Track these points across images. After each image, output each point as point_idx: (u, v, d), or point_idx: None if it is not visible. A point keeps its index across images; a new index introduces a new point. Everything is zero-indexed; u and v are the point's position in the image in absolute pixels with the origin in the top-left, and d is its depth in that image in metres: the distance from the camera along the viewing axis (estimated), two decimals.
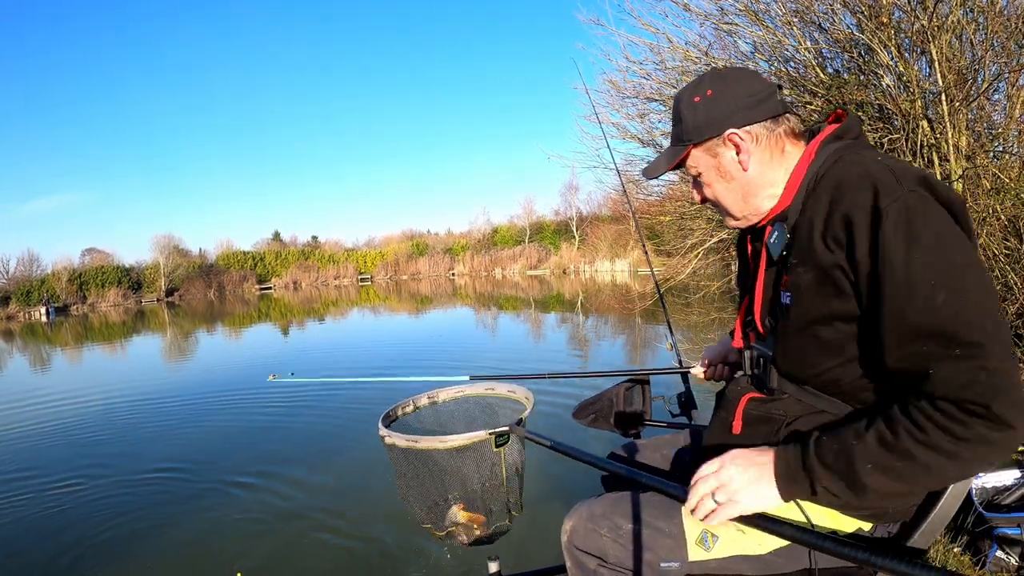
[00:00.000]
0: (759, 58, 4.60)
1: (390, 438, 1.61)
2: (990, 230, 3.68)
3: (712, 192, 1.16)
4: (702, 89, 1.12)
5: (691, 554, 1.12)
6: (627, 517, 1.17)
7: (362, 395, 7.60)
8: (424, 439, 1.58)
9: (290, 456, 5.31)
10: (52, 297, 37.27)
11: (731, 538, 1.11)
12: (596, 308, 17.53)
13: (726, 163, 1.11)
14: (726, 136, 1.09)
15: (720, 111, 1.09)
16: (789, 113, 1.12)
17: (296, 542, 3.67)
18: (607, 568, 1.17)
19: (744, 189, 1.12)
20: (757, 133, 1.09)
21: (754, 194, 1.12)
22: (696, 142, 1.12)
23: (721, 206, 1.17)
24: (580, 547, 1.20)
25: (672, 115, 1.18)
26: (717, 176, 1.13)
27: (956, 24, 3.67)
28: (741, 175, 1.11)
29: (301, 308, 27.02)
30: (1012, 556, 2.17)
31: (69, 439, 6.40)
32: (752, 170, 1.10)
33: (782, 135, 1.10)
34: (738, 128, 1.08)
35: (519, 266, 43.81)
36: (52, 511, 4.39)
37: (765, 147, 1.09)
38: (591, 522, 1.20)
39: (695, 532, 1.13)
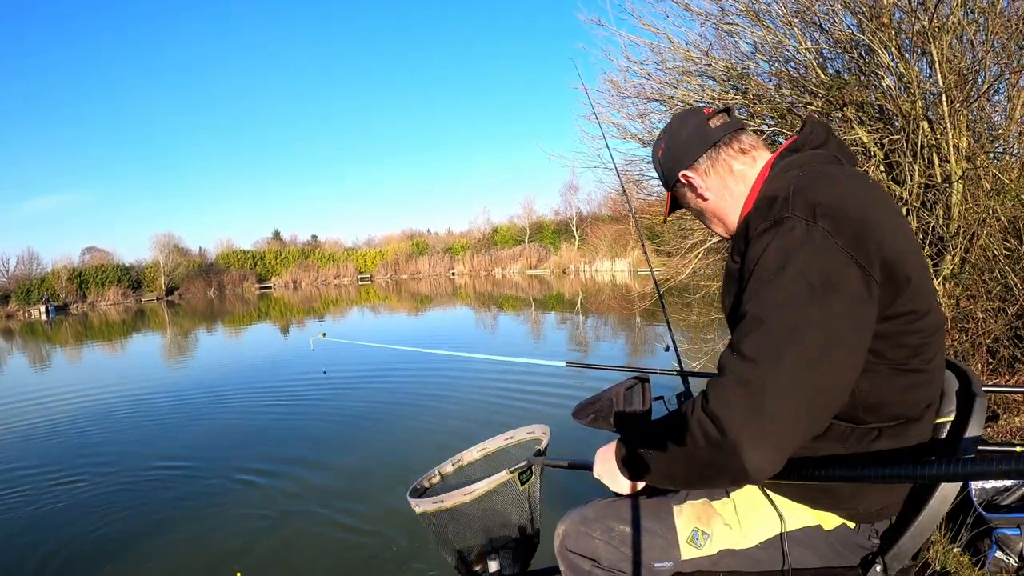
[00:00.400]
0: (760, 58, 4.61)
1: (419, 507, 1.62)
2: (990, 231, 3.69)
3: (702, 220, 1.33)
4: (659, 144, 1.30)
5: (684, 553, 1.15)
6: (619, 520, 1.20)
7: (363, 394, 7.61)
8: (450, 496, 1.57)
9: (290, 454, 5.31)
10: (52, 296, 37.29)
11: (720, 533, 1.15)
12: (596, 308, 17.54)
13: (690, 199, 1.28)
14: (679, 179, 1.25)
15: (671, 160, 1.27)
16: (733, 132, 1.20)
17: (295, 540, 3.67)
18: (601, 570, 1.19)
19: (715, 215, 1.25)
20: (703, 166, 1.21)
21: (724, 216, 1.23)
22: (669, 188, 1.31)
23: (709, 222, 1.31)
24: (573, 550, 1.22)
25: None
26: (695, 209, 1.29)
27: (957, 25, 3.67)
28: (705, 205, 1.25)
29: (301, 307, 27.03)
30: (1011, 556, 2.17)
31: (69, 436, 6.41)
32: (712, 198, 1.23)
33: (726, 159, 1.20)
34: (685, 169, 1.23)
35: (519, 266, 43.81)
36: (53, 506, 4.40)
37: (713, 174, 1.21)
38: (583, 525, 1.22)
39: (687, 531, 1.16)
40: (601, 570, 1.19)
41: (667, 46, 4.81)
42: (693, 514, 1.17)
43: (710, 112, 1.23)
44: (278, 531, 3.81)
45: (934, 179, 3.86)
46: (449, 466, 1.91)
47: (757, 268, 0.95)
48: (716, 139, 1.20)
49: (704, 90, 4.81)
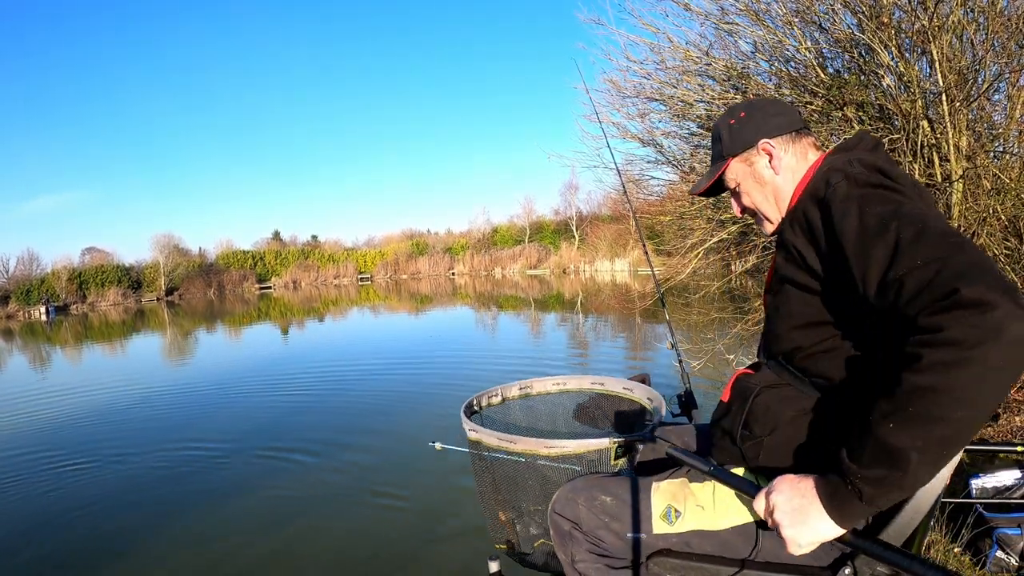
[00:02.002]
0: (760, 58, 4.60)
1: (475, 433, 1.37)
2: (990, 230, 3.68)
3: (750, 199, 1.30)
4: (736, 113, 1.31)
5: (655, 527, 1.22)
6: (603, 491, 1.29)
7: (364, 393, 7.61)
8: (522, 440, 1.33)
9: (291, 453, 5.31)
10: (52, 296, 37.27)
11: (693, 514, 1.21)
12: (596, 308, 17.54)
13: (760, 169, 1.26)
14: (760, 146, 1.26)
15: (753, 126, 1.27)
16: (810, 131, 1.28)
17: (295, 540, 3.67)
18: (580, 533, 1.28)
19: (776, 193, 1.26)
20: (784, 142, 1.25)
21: (784, 197, 1.25)
22: (735, 154, 1.29)
23: (759, 212, 1.30)
24: (559, 512, 1.32)
25: (712, 139, 1.36)
26: (754, 183, 1.28)
27: (957, 24, 3.67)
28: (773, 179, 1.25)
29: (301, 307, 27.03)
30: (1012, 556, 2.17)
31: (74, 430, 6.41)
32: (782, 175, 1.25)
33: (806, 145, 1.26)
34: (769, 138, 1.25)
35: (519, 266, 43.79)
36: (59, 500, 4.40)
37: (792, 154, 1.25)
38: (572, 493, 1.32)
39: (661, 507, 1.23)
40: (580, 533, 1.28)
41: (667, 46, 4.81)
42: (669, 492, 1.24)
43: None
44: (278, 531, 3.81)
45: (934, 178, 3.86)
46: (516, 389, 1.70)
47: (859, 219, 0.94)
48: (802, 125, 1.27)
49: (704, 90, 4.81)
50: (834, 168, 1.08)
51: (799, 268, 1.09)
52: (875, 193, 0.98)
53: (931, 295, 0.79)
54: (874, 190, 0.99)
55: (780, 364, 1.18)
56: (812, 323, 1.09)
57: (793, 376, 1.15)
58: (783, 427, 1.12)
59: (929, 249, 0.83)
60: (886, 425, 0.82)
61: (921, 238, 0.85)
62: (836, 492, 0.89)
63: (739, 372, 1.28)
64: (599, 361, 9.18)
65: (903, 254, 0.86)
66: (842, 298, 1.01)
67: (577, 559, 1.28)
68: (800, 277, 1.09)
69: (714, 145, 1.35)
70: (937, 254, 0.82)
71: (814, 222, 1.04)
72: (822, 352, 1.09)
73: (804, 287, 1.09)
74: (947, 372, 0.77)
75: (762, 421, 1.14)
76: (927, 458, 0.81)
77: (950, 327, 0.77)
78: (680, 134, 5.49)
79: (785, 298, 1.13)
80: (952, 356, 0.76)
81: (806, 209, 1.07)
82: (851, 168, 1.05)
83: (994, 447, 2.49)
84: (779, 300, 1.16)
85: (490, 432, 1.37)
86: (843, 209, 0.98)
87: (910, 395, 0.80)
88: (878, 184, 1.00)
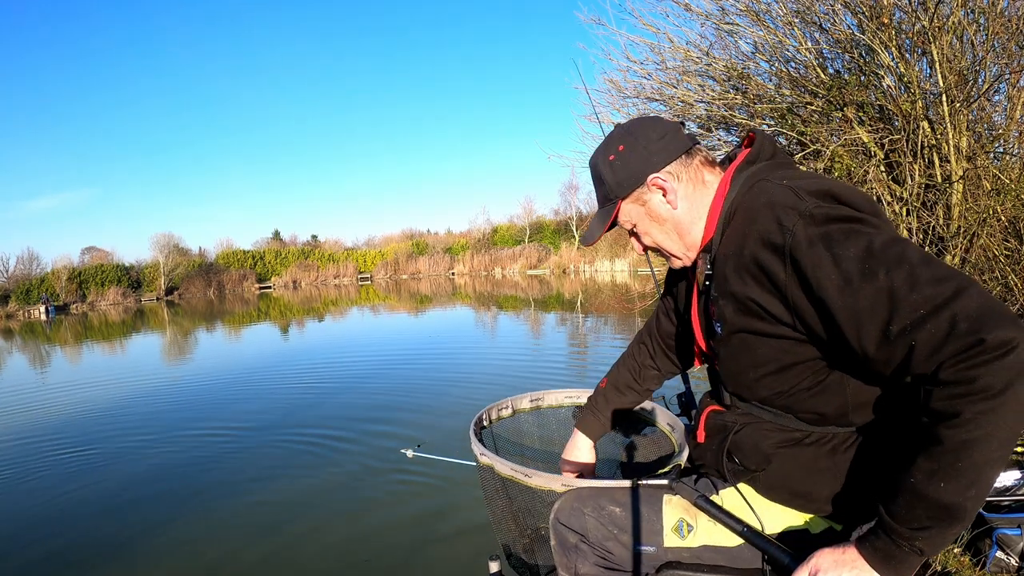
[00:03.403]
0: (760, 58, 4.60)
1: (485, 457, 1.29)
2: (990, 231, 3.68)
3: (651, 239, 1.19)
4: (613, 147, 1.16)
5: (667, 540, 1.17)
6: (612, 501, 1.23)
7: (363, 392, 7.61)
8: (538, 475, 1.24)
9: (290, 453, 5.31)
10: (52, 296, 37.26)
11: (705, 528, 1.16)
12: (596, 308, 17.53)
13: (655, 207, 1.15)
14: (649, 183, 1.13)
15: (637, 161, 1.14)
16: (697, 145, 1.16)
17: (295, 540, 3.66)
18: (587, 545, 1.22)
19: (677, 228, 1.16)
20: (675, 171, 1.13)
21: (687, 231, 1.15)
22: (623, 196, 1.16)
23: (663, 250, 1.20)
24: (564, 523, 1.24)
25: (593, 180, 1.21)
26: (651, 222, 1.17)
27: (957, 25, 3.67)
28: (672, 215, 1.15)
29: (301, 307, 27.02)
30: (1012, 556, 2.17)
31: (67, 431, 6.41)
32: (680, 207, 1.14)
33: (698, 166, 1.14)
34: (657, 171, 1.13)
35: (519, 266, 43.78)
36: (54, 500, 4.40)
37: (687, 182, 1.14)
38: (577, 501, 1.24)
39: (673, 520, 1.18)
40: (587, 545, 1.22)
41: (667, 46, 4.81)
42: (681, 505, 1.19)
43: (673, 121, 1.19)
44: (277, 533, 3.81)
45: (934, 179, 3.86)
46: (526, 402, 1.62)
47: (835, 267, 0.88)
48: (689, 145, 1.14)
49: (704, 90, 4.80)
50: (779, 204, 0.96)
51: (760, 319, 1.01)
52: (840, 229, 0.90)
53: (954, 347, 0.78)
54: (838, 225, 0.91)
55: (755, 406, 1.13)
56: (788, 365, 1.03)
57: (775, 415, 1.10)
58: (776, 459, 1.10)
59: (929, 293, 0.81)
60: (936, 484, 0.81)
61: (914, 282, 0.82)
62: (892, 555, 0.87)
63: (708, 410, 1.22)
64: (599, 361, 9.18)
65: (902, 304, 0.83)
66: (825, 342, 0.96)
67: (581, 572, 1.23)
68: (763, 327, 1.01)
69: (597, 187, 1.20)
70: (940, 299, 0.80)
71: (774, 273, 0.95)
72: (805, 390, 1.04)
73: (770, 335, 1.02)
74: (992, 419, 0.77)
75: (751, 456, 1.11)
76: (980, 499, 0.82)
77: (982, 376, 0.77)
78: None
79: (746, 347, 1.06)
80: (993, 404, 0.77)
81: (759, 257, 0.97)
82: (801, 203, 0.94)
83: None
84: (735, 349, 1.08)
85: (503, 461, 1.28)
86: (813, 259, 0.90)
87: (958, 451, 0.79)
88: (838, 217, 0.92)
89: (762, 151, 1.12)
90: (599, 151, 1.19)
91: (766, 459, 1.10)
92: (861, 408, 1.03)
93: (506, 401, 1.58)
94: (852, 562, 0.90)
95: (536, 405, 1.62)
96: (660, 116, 1.25)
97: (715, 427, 1.19)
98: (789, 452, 1.09)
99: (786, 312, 0.97)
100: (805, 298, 0.93)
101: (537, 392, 1.61)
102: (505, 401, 1.58)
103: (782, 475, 1.10)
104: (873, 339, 0.86)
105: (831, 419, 1.05)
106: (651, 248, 1.22)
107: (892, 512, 0.86)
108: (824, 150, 4.04)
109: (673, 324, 1.45)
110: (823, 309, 0.91)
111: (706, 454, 1.20)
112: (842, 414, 1.04)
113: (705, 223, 1.14)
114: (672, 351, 1.49)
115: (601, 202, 1.21)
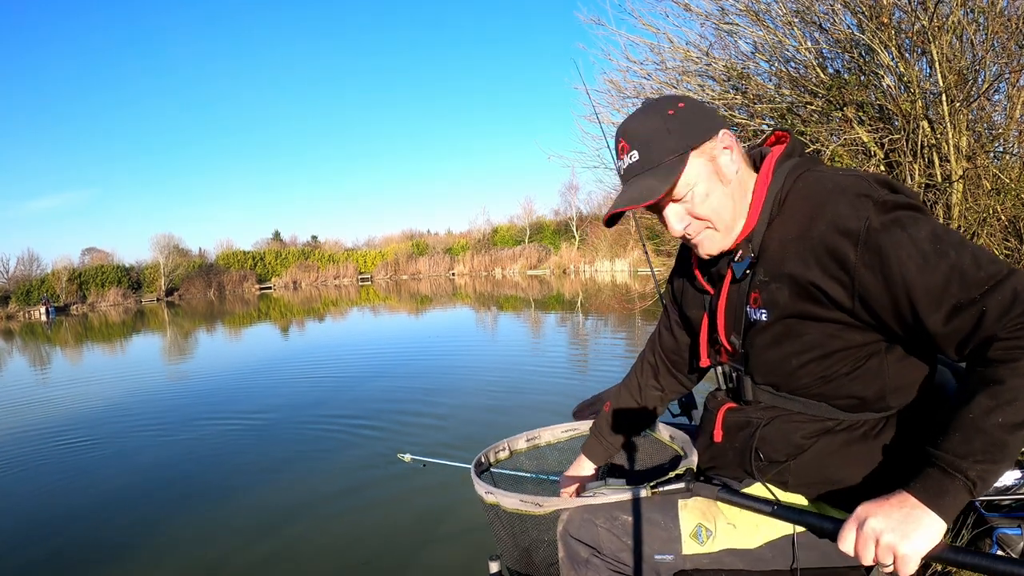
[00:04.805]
0: (760, 58, 4.60)
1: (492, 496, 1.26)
2: (990, 230, 3.68)
3: (708, 206, 1.07)
4: (669, 105, 1.08)
5: (685, 547, 1.13)
6: (624, 509, 1.18)
7: (363, 396, 7.60)
8: (550, 501, 1.22)
9: (290, 454, 5.31)
10: (52, 297, 37.25)
11: (725, 532, 1.13)
12: (596, 308, 17.53)
13: (724, 164, 1.07)
14: (723, 135, 1.07)
15: (705, 116, 1.08)
16: None
17: (295, 541, 3.66)
18: (599, 558, 1.17)
19: (738, 193, 1.09)
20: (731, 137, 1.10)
21: (734, 205, 1.09)
22: (696, 145, 1.05)
23: (718, 221, 1.09)
24: (575, 536, 1.19)
25: (640, 142, 1.08)
26: (716, 182, 1.07)
27: (957, 24, 3.67)
28: (735, 177, 1.08)
29: (301, 308, 27.02)
30: (1013, 556, 2.17)
31: (68, 429, 6.42)
32: (741, 171, 1.10)
33: (740, 146, 1.12)
34: (725, 128, 1.09)
35: (519, 266, 43.76)
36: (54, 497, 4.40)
37: (736, 150, 1.10)
38: (588, 512, 1.20)
39: (690, 526, 1.14)
40: (600, 559, 1.17)
41: (667, 46, 4.81)
42: (698, 509, 1.15)
43: None
44: (274, 535, 3.80)
45: (934, 179, 3.86)
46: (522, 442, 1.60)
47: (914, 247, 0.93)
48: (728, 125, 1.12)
49: (704, 90, 4.80)
50: (851, 190, 0.99)
51: (817, 303, 1.02)
52: (907, 215, 0.96)
53: (1019, 310, 0.87)
54: (905, 212, 0.96)
55: (784, 397, 1.13)
56: (832, 352, 1.05)
57: (805, 405, 1.11)
58: (809, 448, 1.10)
59: (992, 270, 0.90)
60: (995, 419, 0.85)
61: (978, 262, 0.91)
62: (945, 489, 0.87)
63: (725, 408, 1.21)
64: (600, 361, 9.18)
65: (971, 280, 0.90)
66: (887, 324, 0.99)
67: None
68: (818, 311, 1.02)
69: (655, 143, 1.05)
70: (1001, 275, 0.89)
71: (844, 257, 0.96)
72: (845, 375, 1.06)
73: (823, 319, 1.03)
74: None
75: (780, 448, 1.11)
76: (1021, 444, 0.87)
77: None
78: None
79: (793, 332, 1.06)
80: None
81: (829, 241, 0.97)
82: (874, 191, 0.98)
83: None
84: (780, 336, 1.07)
85: (510, 495, 1.24)
86: (892, 240, 0.94)
87: (1017, 389, 0.85)
88: (904, 204, 0.97)
89: (796, 147, 1.13)
90: (643, 113, 1.09)
91: (799, 449, 1.10)
92: (898, 392, 1.07)
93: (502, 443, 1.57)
94: (901, 503, 0.89)
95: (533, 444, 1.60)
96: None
97: (736, 424, 1.18)
98: (822, 440, 1.09)
99: (847, 298, 0.99)
100: (880, 280, 0.95)
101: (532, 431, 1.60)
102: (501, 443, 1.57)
103: (816, 464, 1.10)
104: (945, 312, 0.92)
105: (869, 403, 1.07)
106: (702, 218, 1.08)
107: (946, 447, 0.88)
108: (824, 150, 4.04)
109: (674, 339, 1.42)
110: (899, 288, 0.94)
111: (726, 453, 1.19)
112: (880, 397, 1.07)
113: (748, 208, 1.10)
114: (677, 368, 1.45)
115: (651, 161, 1.06)
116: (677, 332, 1.41)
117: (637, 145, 1.08)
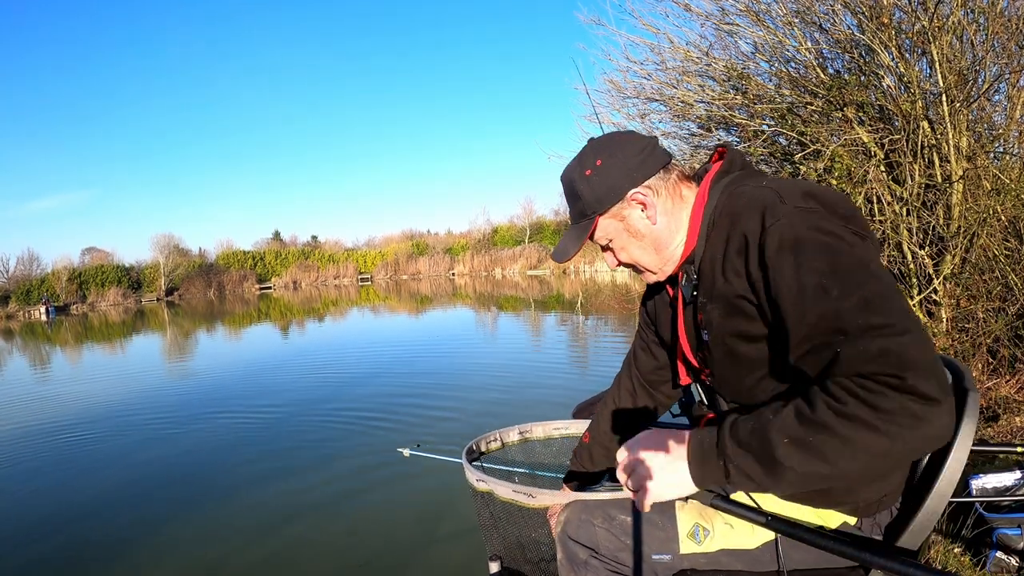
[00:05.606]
0: (760, 58, 4.61)
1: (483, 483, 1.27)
2: (990, 231, 3.69)
3: (627, 255, 1.17)
4: (590, 162, 1.14)
5: (682, 547, 1.15)
6: (621, 509, 1.19)
7: (358, 395, 7.61)
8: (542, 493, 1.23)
9: (289, 454, 5.31)
10: (52, 296, 37.29)
11: (722, 532, 1.14)
12: (596, 308, 17.53)
13: (635, 223, 1.14)
14: (629, 198, 1.12)
15: (616, 176, 1.12)
16: (673, 160, 1.16)
17: (294, 541, 3.66)
18: (598, 559, 1.18)
19: (656, 243, 1.14)
20: (655, 186, 1.12)
21: (666, 245, 1.14)
22: (602, 212, 1.13)
23: (639, 265, 1.19)
24: (573, 537, 1.20)
25: (567, 194, 1.18)
26: (629, 238, 1.15)
27: (957, 25, 3.67)
28: (651, 230, 1.14)
29: (301, 308, 27.02)
30: (1012, 556, 2.17)
31: (66, 429, 6.42)
32: (660, 222, 1.13)
33: (676, 181, 1.14)
34: (638, 187, 1.11)
35: (519, 266, 43.78)
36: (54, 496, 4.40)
37: (666, 197, 1.13)
38: (586, 513, 1.21)
39: (687, 526, 1.16)
40: (598, 560, 1.18)
41: (667, 46, 4.82)
42: (696, 509, 1.17)
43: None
44: (273, 535, 3.81)
45: (934, 179, 3.86)
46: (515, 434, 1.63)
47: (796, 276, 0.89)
48: (667, 161, 1.14)
49: (704, 90, 4.81)
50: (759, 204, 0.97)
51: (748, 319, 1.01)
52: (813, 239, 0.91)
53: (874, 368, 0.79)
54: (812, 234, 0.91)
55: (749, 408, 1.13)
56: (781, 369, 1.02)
57: None
58: None
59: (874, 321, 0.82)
60: (782, 438, 0.84)
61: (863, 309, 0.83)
62: (707, 458, 0.91)
63: (705, 419, 1.23)
64: (599, 361, 9.18)
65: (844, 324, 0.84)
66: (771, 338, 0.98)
67: None
68: (751, 329, 1.02)
69: (572, 202, 1.17)
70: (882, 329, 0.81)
71: (748, 273, 0.97)
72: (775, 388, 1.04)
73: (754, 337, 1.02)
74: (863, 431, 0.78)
75: None
76: (795, 481, 0.85)
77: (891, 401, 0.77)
78: (680, 134, 5.49)
79: (734, 353, 1.06)
80: (876, 422, 0.78)
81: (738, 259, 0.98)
82: (781, 205, 0.95)
83: (994, 447, 2.48)
84: (725, 356, 1.07)
85: (503, 483, 1.25)
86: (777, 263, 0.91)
87: (819, 429, 0.81)
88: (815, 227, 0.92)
89: (734, 162, 1.13)
90: (573, 166, 1.17)
91: None
92: None
93: (494, 433, 1.59)
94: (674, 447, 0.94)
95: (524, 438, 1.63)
96: (634, 131, 1.22)
97: None
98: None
99: (759, 314, 0.98)
100: (765, 296, 0.95)
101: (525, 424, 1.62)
102: (493, 433, 1.59)
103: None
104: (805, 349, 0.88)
105: None
106: (626, 264, 1.20)
107: (735, 428, 0.90)
108: (824, 150, 4.04)
109: (653, 358, 1.42)
110: (778, 314, 0.92)
111: None
112: None
113: (686, 235, 1.13)
114: (654, 387, 1.46)
115: (575, 217, 1.18)
116: (656, 351, 1.41)
117: (565, 196, 1.20)
